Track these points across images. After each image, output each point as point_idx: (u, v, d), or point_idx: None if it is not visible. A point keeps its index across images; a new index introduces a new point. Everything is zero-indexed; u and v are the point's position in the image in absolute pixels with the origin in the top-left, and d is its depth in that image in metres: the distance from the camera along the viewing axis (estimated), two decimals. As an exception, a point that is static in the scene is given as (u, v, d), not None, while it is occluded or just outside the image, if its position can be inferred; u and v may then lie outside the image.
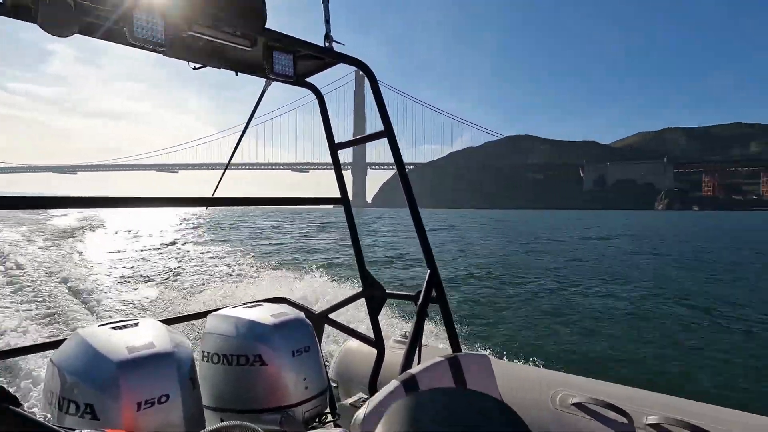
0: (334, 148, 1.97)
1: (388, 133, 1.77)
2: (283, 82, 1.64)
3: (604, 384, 1.68)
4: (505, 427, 0.61)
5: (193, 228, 33.92)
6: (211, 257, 14.95)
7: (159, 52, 1.32)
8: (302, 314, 1.53)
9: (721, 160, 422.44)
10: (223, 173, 1.95)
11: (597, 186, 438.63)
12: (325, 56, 1.65)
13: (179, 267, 12.73)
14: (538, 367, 2.49)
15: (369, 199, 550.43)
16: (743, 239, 28.90)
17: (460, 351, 1.60)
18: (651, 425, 1.39)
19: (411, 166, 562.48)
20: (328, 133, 1.98)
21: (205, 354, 1.41)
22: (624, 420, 1.44)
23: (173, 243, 20.78)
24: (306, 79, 1.88)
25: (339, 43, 1.64)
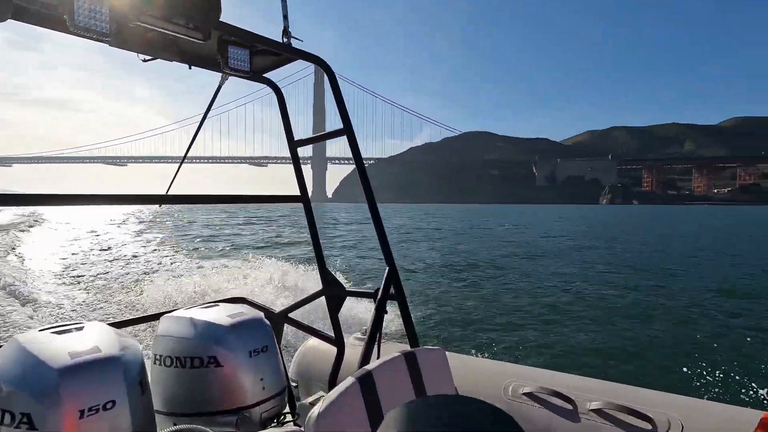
0: (294, 145, 1.95)
1: (347, 130, 1.76)
2: (239, 76, 1.61)
3: (552, 373, 1.77)
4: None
5: (149, 224, 32.63)
6: (167, 256, 14.49)
7: (103, 41, 1.25)
8: (261, 314, 1.50)
9: (658, 157, 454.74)
10: (179, 168, 1.87)
11: (548, 182, 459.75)
12: (283, 52, 1.62)
13: (132, 267, 12.28)
14: (493, 359, 2.73)
15: (330, 194, 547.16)
16: (669, 232, 31.93)
17: (419, 346, 1.61)
18: (593, 410, 1.46)
19: (371, 161, 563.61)
20: (287, 130, 1.95)
21: (157, 357, 1.36)
22: (569, 407, 1.51)
23: (124, 242, 20.04)
24: (264, 75, 1.84)
25: (297, 39, 1.62)
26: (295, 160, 1.98)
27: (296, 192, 2.02)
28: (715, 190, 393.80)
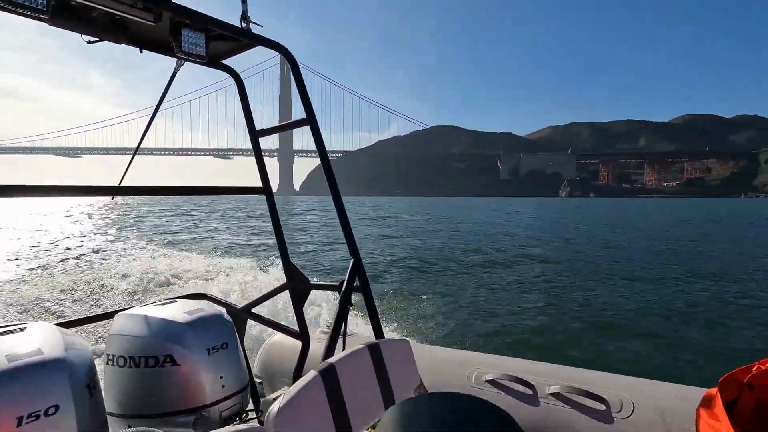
0: (255, 135, 1.89)
1: (310, 120, 1.70)
2: (194, 62, 1.52)
3: (514, 360, 1.82)
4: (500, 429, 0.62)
5: (105, 216, 32.08)
6: (126, 250, 13.74)
7: (40, 19, 1.15)
8: (222, 310, 1.46)
9: (614, 152, 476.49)
10: (131, 159, 1.79)
11: (512, 175, 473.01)
12: (242, 38, 1.53)
13: (86, 262, 11.48)
14: (457, 348, 2.35)
15: (297, 187, 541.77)
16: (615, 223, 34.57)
17: (384, 338, 1.62)
18: (552, 394, 1.53)
19: (339, 154, 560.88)
20: (248, 120, 1.89)
21: (110, 357, 1.31)
22: (530, 391, 1.58)
23: (80, 234, 18.93)
24: (223, 61, 1.76)
25: (257, 24, 1.54)
26: (257, 151, 1.93)
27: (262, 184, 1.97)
28: (665, 184, 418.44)
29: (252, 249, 14.17)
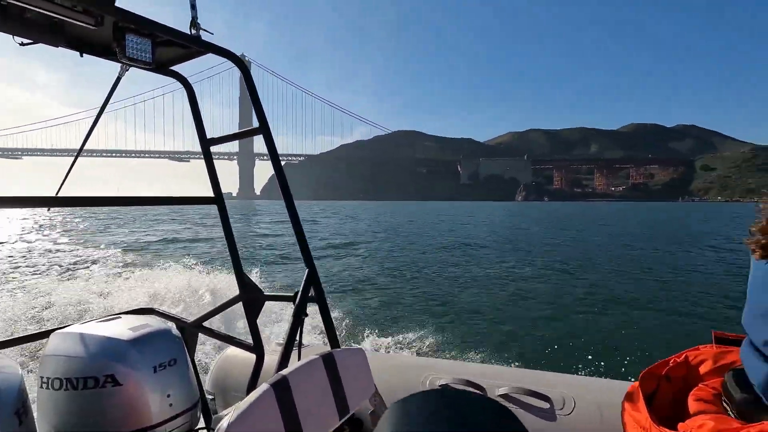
0: (206, 143, 1.84)
1: (263, 129, 1.67)
2: (140, 68, 1.46)
3: (466, 364, 1.92)
4: (501, 427, 0.64)
5: (48, 225, 30.03)
6: (65, 262, 12.87)
7: None
8: (169, 325, 1.40)
9: (567, 158, 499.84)
10: (72, 166, 1.69)
11: (471, 179, 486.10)
12: (191, 45, 1.48)
13: (20, 276, 10.83)
14: (412, 355, 2.61)
15: (258, 191, 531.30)
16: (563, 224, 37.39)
17: (339, 348, 1.60)
18: (501, 395, 1.60)
19: (302, 158, 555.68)
20: (198, 128, 1.84)
21: (44, 380, 1.22)
22: (480, 394, 1.60)
23: (13, 241, 18.04)
24: (172, 68, 1.69)
25: (207, 32, 1.50)
26: (208, 160, 1.87)
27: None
28: (613, 188, 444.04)
29: (205, 259, 13.43)
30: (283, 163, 1.69)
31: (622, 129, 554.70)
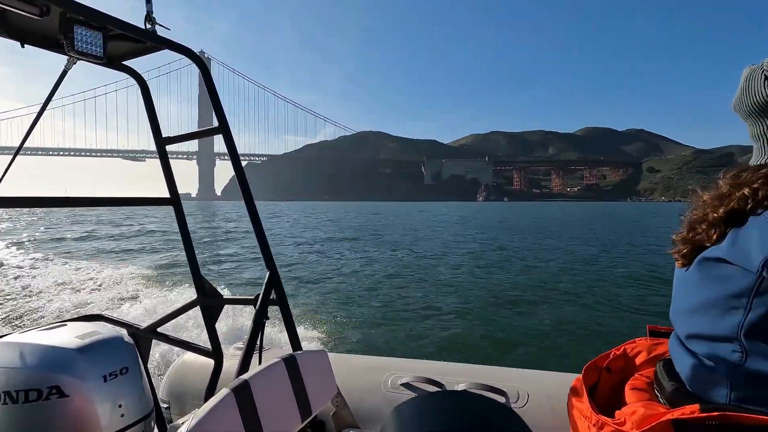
0: (161, 142, 1.75)
1: (222, 128, 1.62)
2: (89, 62, 1.36)
3: (427, 363, 1.94)
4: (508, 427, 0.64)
5: None
6: (8, 267, 11.87)
7: None
8: (120, 332, 1.34)
9: (526, 160, 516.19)
10: (10, 164, 1.56)
11: (434, 180, 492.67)
12: (146, 40, 1.40)
13: None
14: (374, 356, 2.55)
15: (219, 192, 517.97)
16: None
17: (301, 350, 1.59)
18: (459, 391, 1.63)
19: (264, 158, 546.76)
20: (153, 126, 1.74)
21: None
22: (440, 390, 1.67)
23: None
24: (125, 62, 1.59)
25: (164, 27, 1.43)
26: (163, 159, 1.79)
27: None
28: (568, 189, 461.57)
29: (161, 262, 12.82)
30: (245, 163, 1.68)
31: (578, 132, 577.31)
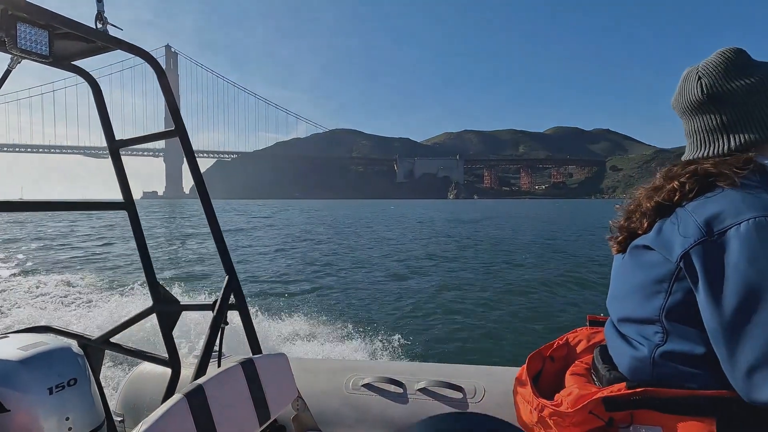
0: (114, 145, 1.69)
1: (179, 131, 1.57)
2: (34, 61, 1.30)
3: (388, 363, 1.96)
4: None
5: None
6: None
7: None
8: (69, 342, 1.30)
9: (497, 158, 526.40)
10: None
11: (407, 178, 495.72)
12: (96, 39, 1.35)
13: None
14: (335, 358, 2.67)
15: (186, 190, 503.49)
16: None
17: (261, 354, 1.58)
18: (420, 390, 1.69)
19: (234, 155, 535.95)
20: (106, 129, 1.68)
21: None
22: (400, 390, 1.71)
23: None
24: (74, 63, 1.53)
25: (116, 27, 1.37)
26: (117, 163, 1.73)
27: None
28: (536, 187, 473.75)
29: (114, 269, 12.25)
30: (215, 160, 2.24)
31: (547, 131, 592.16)
